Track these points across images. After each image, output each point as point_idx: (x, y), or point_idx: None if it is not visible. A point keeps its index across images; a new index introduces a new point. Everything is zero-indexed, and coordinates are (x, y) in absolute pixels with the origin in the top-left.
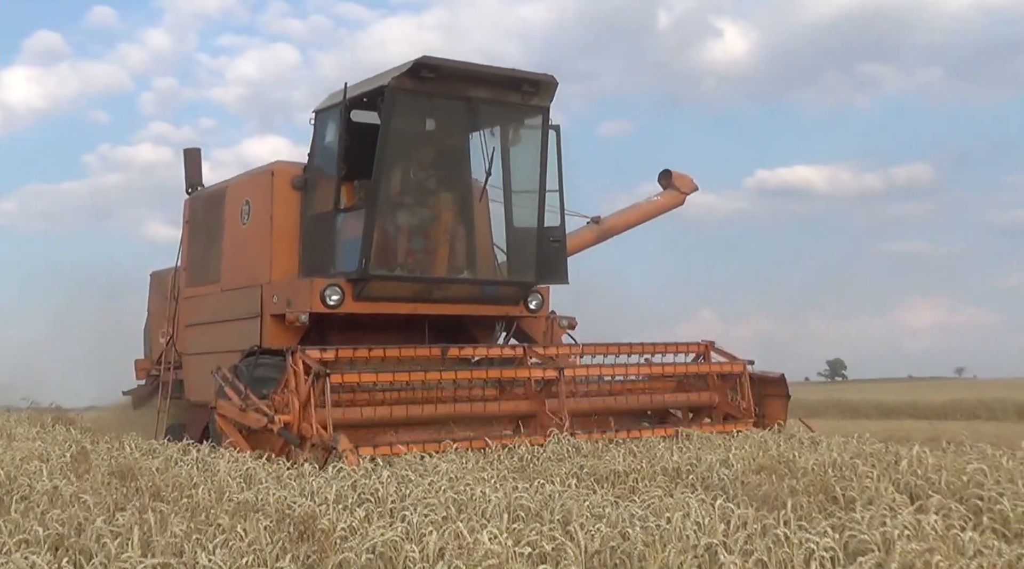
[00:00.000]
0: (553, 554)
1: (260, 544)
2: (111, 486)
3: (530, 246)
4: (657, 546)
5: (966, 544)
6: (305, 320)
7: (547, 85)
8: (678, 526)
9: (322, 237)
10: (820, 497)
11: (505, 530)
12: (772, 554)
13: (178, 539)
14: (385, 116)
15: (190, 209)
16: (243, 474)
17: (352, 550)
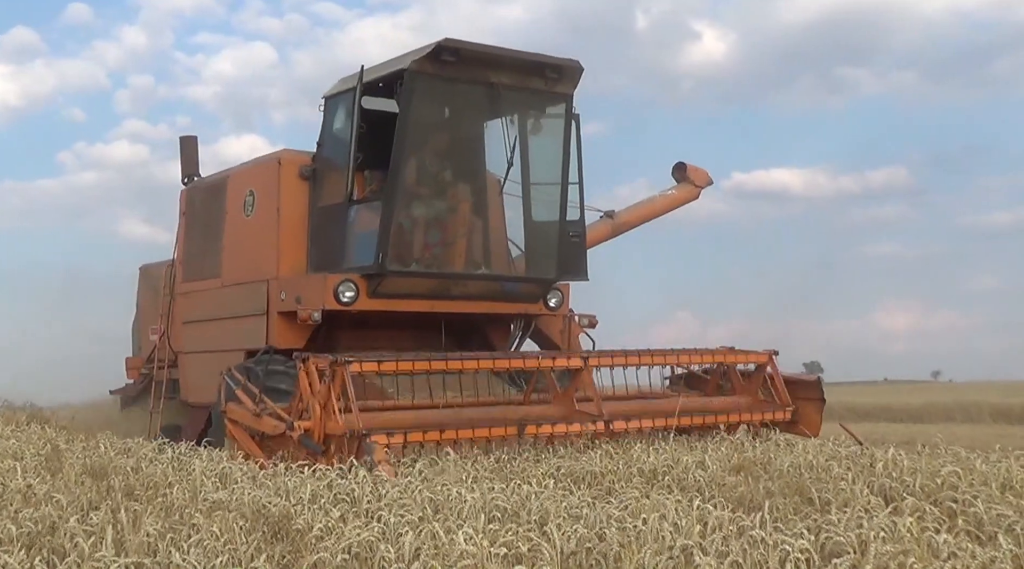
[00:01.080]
0: (529, 555)
1: (235, 544)
2: (85, 485)
3: (551, 241)
4: (633, 547)
5: (940, 546)
6: (318, 318)
7: (572, 70)
8: (654, 527)
9: (333, 230)
10: (796, 499)
11: (481, 531)
12: (747, 556)
13: (152, 538)
14: (404, 101)
15: (187, 200)
16: (218, 473)
17: (327, 550)
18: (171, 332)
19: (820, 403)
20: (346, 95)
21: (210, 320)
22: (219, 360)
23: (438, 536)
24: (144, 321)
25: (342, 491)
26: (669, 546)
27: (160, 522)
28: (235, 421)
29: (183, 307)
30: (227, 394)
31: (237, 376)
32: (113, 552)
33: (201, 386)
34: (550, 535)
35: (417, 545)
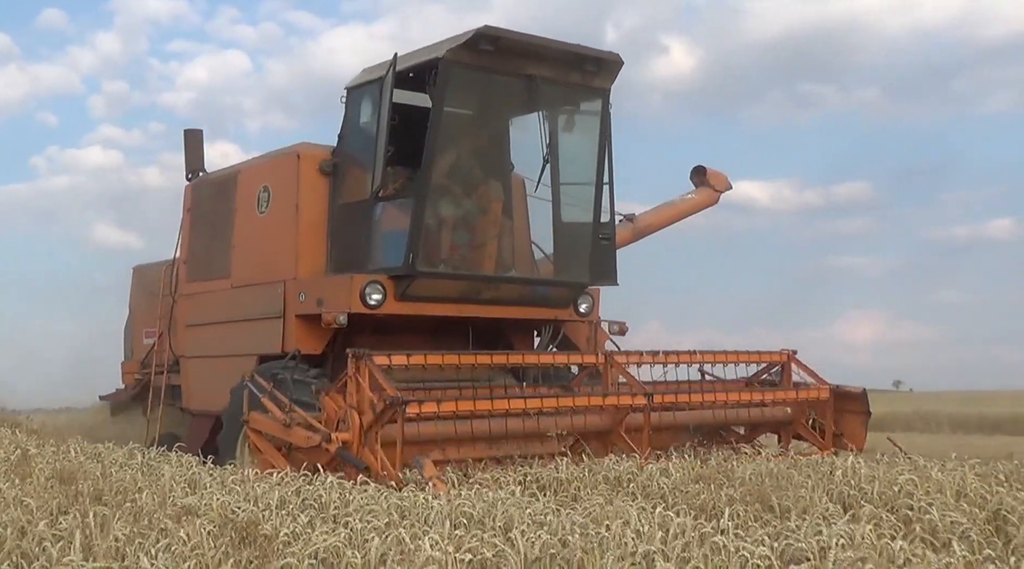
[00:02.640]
0: (494, 561)
1: (202, 548)
2: (54, 489)
3: (585, 244)
4: (596, 553)
5: (897, 553)
6: (344, 321)
7: (612, 64)
8: (617, 533)
9: (356, 228)
10: (757, 506)
11: (447, 537)
12: (709, 562)
13: (120, 543)
14: (438, 93)
15: (192, 196)
16: (187, 479)
17: (294, 556)
18: (172, 335)
19: (866, 417)
20: (371, 86)
21: (217, 323)
22: (228, 366)
23: (404, 542)
24: (137, 324)
25: (310, 497)
26: (631, 552)
27: (129, 527)
28: (258, 431)
29: (186, 309)
30: (250, 402)
31: (262, 383)
32: (81, 557)
33: (206, 393)
34: (514, 541)
35: (383, 550)
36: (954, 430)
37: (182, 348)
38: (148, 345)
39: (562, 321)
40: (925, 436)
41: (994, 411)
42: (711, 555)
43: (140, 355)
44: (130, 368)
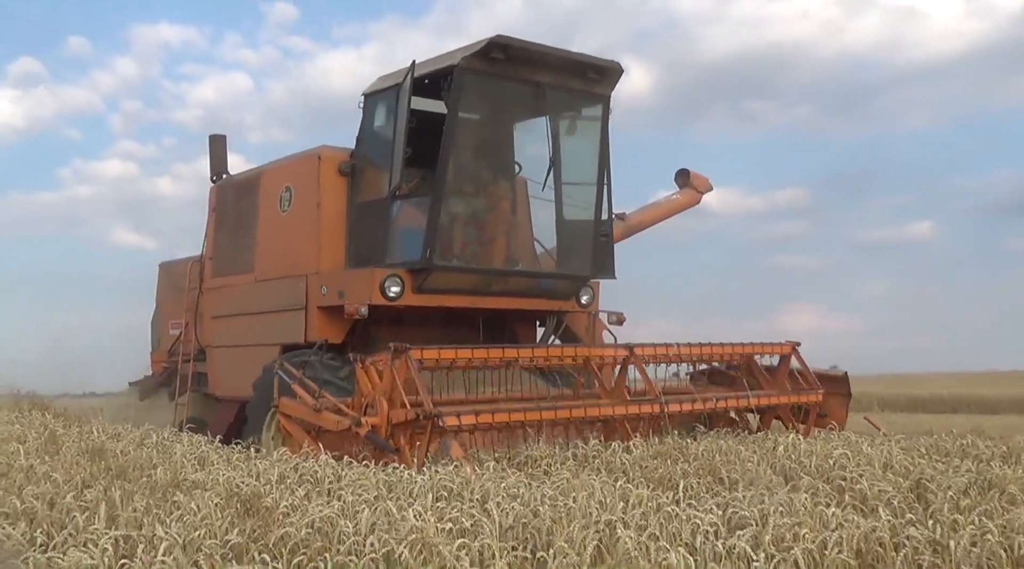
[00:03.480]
0: (472, 529)
1: (211, 519)
2: (80, 466)
3: (587, 239)
4: (563, 522)
5: (830, 518)
6: (365, 312)
7: (612, 72)
8: (583, 504)
9: (374, 225)
10: (708, 478)
11: (429, 508)
12: (664, 528)
13: (139, 513)
14: (453, 98)
15: (217, 196)
16: (197, 457)
17: (293, 525)
18: (199, 326)
19: (847, 398)
20: (387, 93)
21: (242, 315)
22: (252, 355)
23: (391, 513)
24: (163, 316)
25: (307, 473)
26: (595, 521)
27: (146, 499)
28: (288, 416)
29: (212, 302)
30: (280, 388)
31: (291, 370)
32: (104, 525)
33: (231, 380)
34: (490, 512)
35: (372, 521)
36: (882, 409)
37: (208, 338)
38: (174, 336)
39: (565, 312)
40: (857, 415)
41: (916, 392)
42: (666, 523)
43: (166, 345)
44: (158, 357)
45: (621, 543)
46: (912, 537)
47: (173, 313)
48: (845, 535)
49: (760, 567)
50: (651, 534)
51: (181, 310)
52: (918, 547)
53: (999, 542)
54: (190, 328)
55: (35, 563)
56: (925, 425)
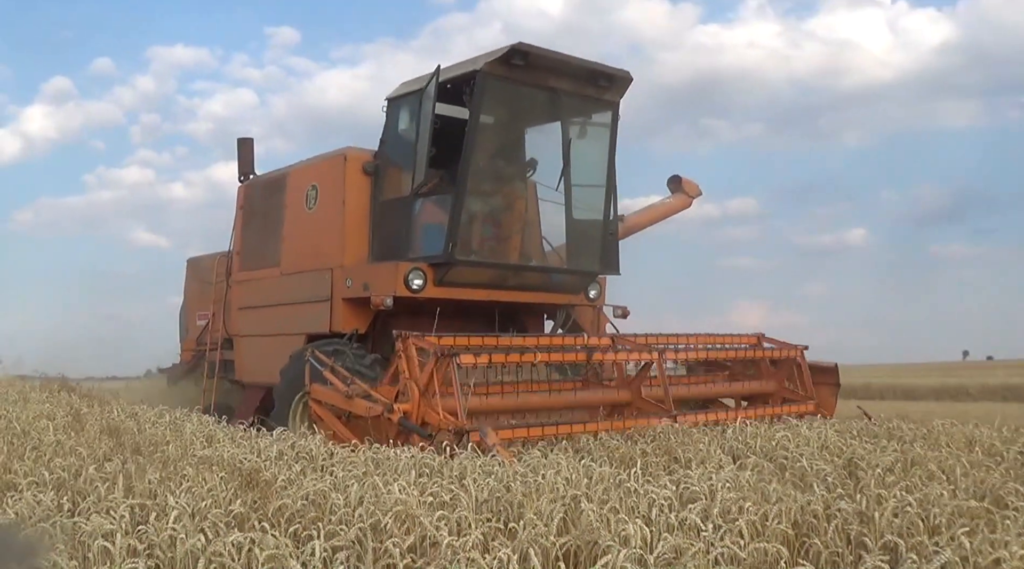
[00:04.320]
0: (450, 502)
1: (216, 491)
2: (101, 441)
3: (595, 237)
4: (533, 496)
5: (771, 493)
6: (390, 303)
7: (622, 80)
8: (551, 481)
9: (397, 222)
10: (665, 458)
11: (412, 483)
12: (623, 502)
13: (152, 485)
14: (475, 101)
15: (244, 195)
16: (205, 435)
17: (289, 497)
18: (227, 317)
19: (836, 388)
20: (410, 97)
21: (268, 306)
22: (278, 343)
23: (378, 487)
24: (191, 308)
25: (302, 450)
26: (562, 495)
27: (159, 472)
28: (319, 402)
29: (240, 294)
30: (312, 375)
31: (323, 358)
32: (122, 495)
33: (258, 367)
34: (468, 487)
35: (361, 494)
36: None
37: (235, 328)
38: (201, 326)
39: (574, 305)
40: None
41: (849, 380)
42: (625, 497)
43: (194, 335)
44: (188, 345)
45: (585, 516)
46: (842, 510)
47: (200, 305)
48: (784, 508)
49: (708, 536)
50: (612, 508)
51: (207, 302)
52: (847, 518)
53: (917, 513)
54: (217, 318)
55: (62, 527)
56: (857, 410)
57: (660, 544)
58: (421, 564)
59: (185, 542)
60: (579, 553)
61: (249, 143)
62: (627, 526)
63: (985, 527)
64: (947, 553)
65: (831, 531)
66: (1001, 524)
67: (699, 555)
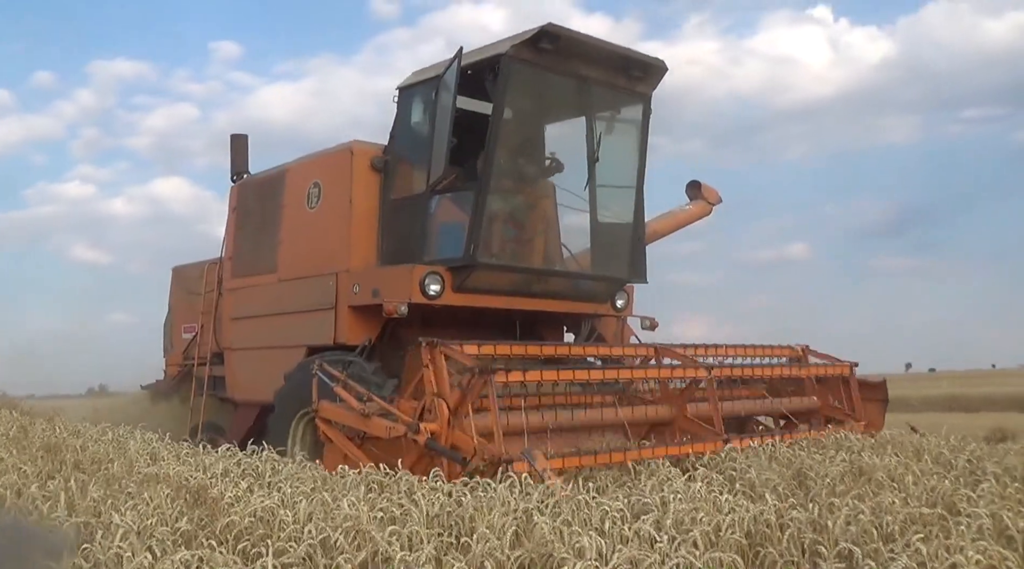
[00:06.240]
0: (401, 517)
1: (163, 508)
2: (43, 458)
3: (624, 242)
4: (484, 510)
5: (723, 504)
6: (405, 311)
7: (657, 70)
8: (503, 494)
9: (410, 222)
10: (616, 471)
11: (362, 499)
12: (575, 515)
13: (96, 503)
14: (500, 87)
15: (238, 196)
16: (149, 452)
17: (237, 514)
18: (217, 329)
19: (884, 404)
20: (426, 85)
21: (264, 316)
22: (275, 357)
23: (327, 503)
24: (176, 320)
25: (248, 467)
26: (514, 509)
27: (103, 490)
28: (328, 421)
29: (232, 303)
30: (320, 391)
31: (333, 371)
32: (66, 513)
33: (251, 383)
34: (418, 502)
35: (310, 510)
36: None
37: (227, 340)
38: (187, 339)
39: (600, 316)
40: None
41: None
42: (577, 510)
43: (180, 348)
44: (173, 360)
45: (538, 528)
46: (795, 519)
47: (186, 316)
48: (737, 518)
49: (663, 547)
50: (564, 520)
51: (195, 313)
52: (801, 527)
53: (870, 521)
54: (206, 331)
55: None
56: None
57: (615, 556)
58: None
59: (132, 560)
60: (533, 566)
61: (243, 140)
62: (581, 538)
63: (941, 533)
64: (904, 559)
65: (785, 540)
66: (955, 530)
67: (655, 566)
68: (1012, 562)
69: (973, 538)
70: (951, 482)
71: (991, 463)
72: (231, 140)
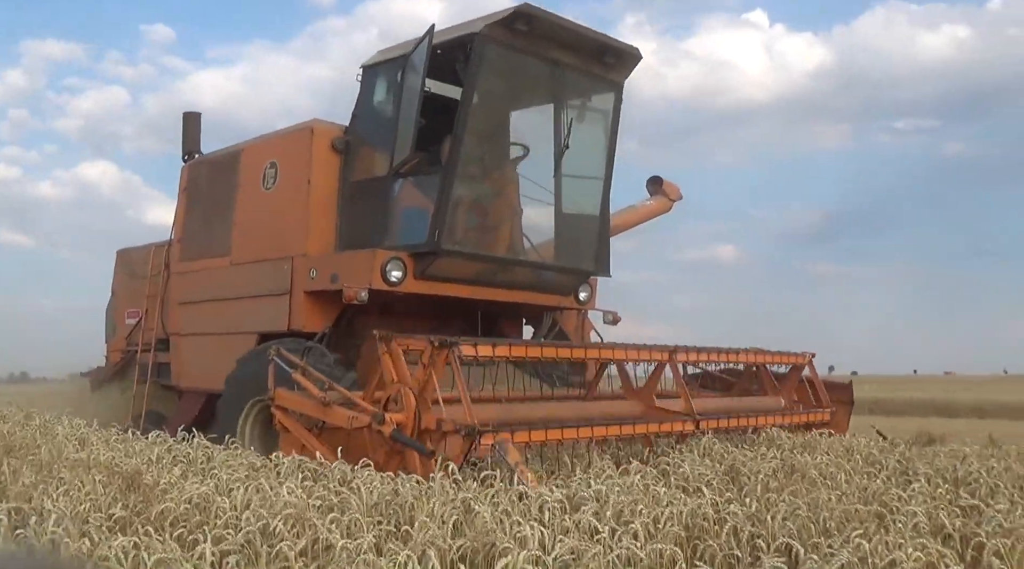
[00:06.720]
0: (339, 505)
1: (95, 494)
2: None
3: (591, 233)
4: (424, 499)
5: (662, 496)
6: (365, 298)
7: (631, 57)
8: (441, 485)
9: (371, 205)
10: (549, 462)
11: (299, 486)
12: (515, 506)
13: (27, 488)
14: (472, 68)
15: (189, 176)
16: (78, 438)
17: (173, 500)
18: (164, 314)
19: (850, 407)
20: (392, 64)
21: (214, 301)
22: (225, 343)
23: (264, 490)
24: (120, 305)
25: (180, 454)
26: (452, 498)
27: (34, 475)
28: (285, 409)
29: (180, 288)
30: (277, 378)
31: (291, 358)
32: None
33: (199, 371)
34: (356, 490)
35: (247, 498)
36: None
37: (174, 326)
38: (130, 325)
39: (561, 309)
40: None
41: None
42: (517, 501)
43: (123, 334)
44: (116, 346)
45: (480, 517)
46: (733, 513)
47: (130, 301)
48: (675, 511)
49: (604, 538)
50: (504, 510)
51: (140, 297)
52: (739, 522)
53: (808, 517)
54: (151, 316)
55: None
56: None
57: (557, 546)
58: (315, 568)
59: (69, 546)
60: (475, 556)
61: (195, 118)
62: (523, 528)
63: (882, 529)
64: (844, 554)
65: (724, 534)
66: (893, 527)
67: (599, 556)
68: (950, 559)
69: (911, 536)
70: (883, 482)
71: (922, 464)
72: (183, 118)
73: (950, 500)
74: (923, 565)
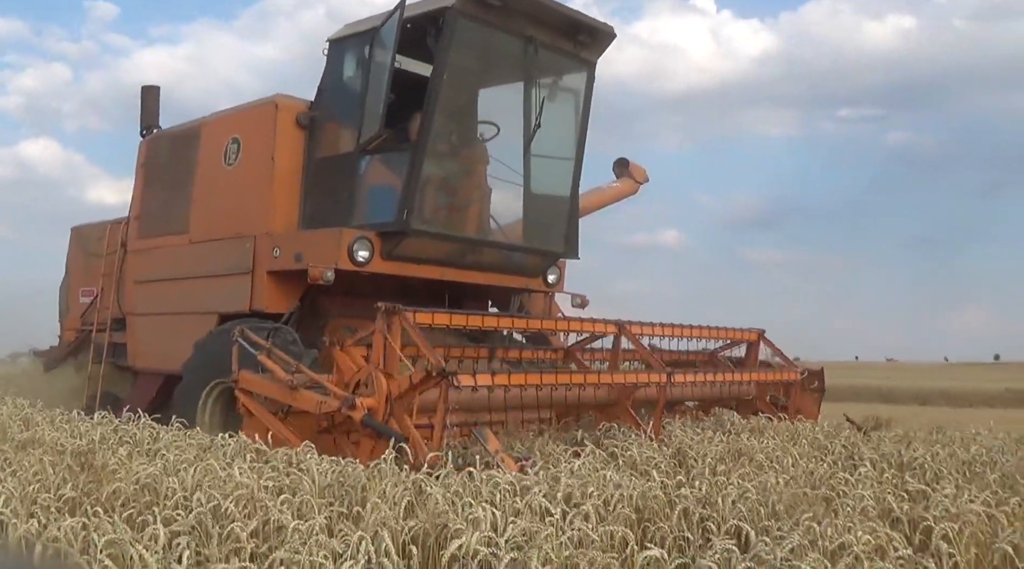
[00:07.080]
0: (290, 486)
1: (44, 475)
2: None
3: (558, 215)
4: (376, 480)
5: (611, 478)
6: (331, 278)
7: (605, 35)
8: (393, 467)
9: (337, 183)
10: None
11: (249, 468)
12: (466, 487)
13: None
14: (444, 43)
15: (147, 151)
16: (22, 418)
17: (123, 481)
18: (120, 293)
19: (819, 394)
20: (360, 38)
21: (172, 279)
22: (183, 324)
23: (215, 471)
24: (74, 283)
25: (126, 434)
26: (403, 480)
27: None
28: (249, 393)
29: (137, 266)
30: (241, 360)
31: (256, 339)
32: None
33: (156, 352)
34: (308, 472)
35: (198, 478)
36: None
37: (130, 305)
38: (85, 304)
39: (529, 292)
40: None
41: None
42: (468, 482)
43: (77, 313)
44: (70, 325)
45: (432, 499)
46: (684, 496)
47: (85, 279)
48: (626, 493)
49: (556, 520)
50: (456, 492)
51: (95, 276)
52: (689, 505)
53: (757, 500)
54: (106, 294)
55: None
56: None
57: (510, 528)
58: (266, 549)
59: (18, 527)
60: (427, 537)
61: (154, 91)
62: (475, 510)
63: (831, 512)
64: (795, 537)
65: (675, 516)
66: (842, 510)
67: (551, 538)
68: (898, 542)
69: (860, 520)
70: (829, 466)
71: (867, 449)
72: (142, 91)
73: (896, 485)
74: (872, 548)
